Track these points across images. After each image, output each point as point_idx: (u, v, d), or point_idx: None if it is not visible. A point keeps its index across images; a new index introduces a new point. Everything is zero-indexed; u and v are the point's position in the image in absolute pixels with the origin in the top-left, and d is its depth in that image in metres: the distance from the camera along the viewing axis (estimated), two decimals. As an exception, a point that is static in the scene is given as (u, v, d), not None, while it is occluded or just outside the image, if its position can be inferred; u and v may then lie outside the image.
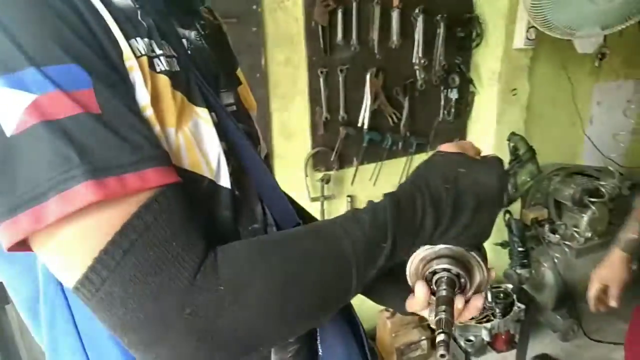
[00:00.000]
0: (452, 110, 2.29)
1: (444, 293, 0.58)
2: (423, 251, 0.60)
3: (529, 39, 2.11)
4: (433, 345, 2.48)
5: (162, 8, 0.61)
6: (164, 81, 0.54)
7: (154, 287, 0.45)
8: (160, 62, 0.55)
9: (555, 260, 2.38)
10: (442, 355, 0.52)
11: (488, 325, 1.97)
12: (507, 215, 2.30)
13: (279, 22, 1.92)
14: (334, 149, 2.13)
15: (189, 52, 0.64)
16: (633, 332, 1.56)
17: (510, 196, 2.16)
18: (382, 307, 2.49)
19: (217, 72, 0.71)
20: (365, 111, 2.11)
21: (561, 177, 2.46)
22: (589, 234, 2.39)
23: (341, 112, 2.09)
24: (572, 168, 2.53)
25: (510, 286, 2.18)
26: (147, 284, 0.45)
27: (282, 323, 0.52)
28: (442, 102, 2.28)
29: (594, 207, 2.32)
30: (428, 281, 0.62)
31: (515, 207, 2.40)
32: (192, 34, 0.67)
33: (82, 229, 0.44)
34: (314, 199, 2.18)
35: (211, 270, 0.48)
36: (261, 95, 1.98)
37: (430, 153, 0.66)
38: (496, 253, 2.45)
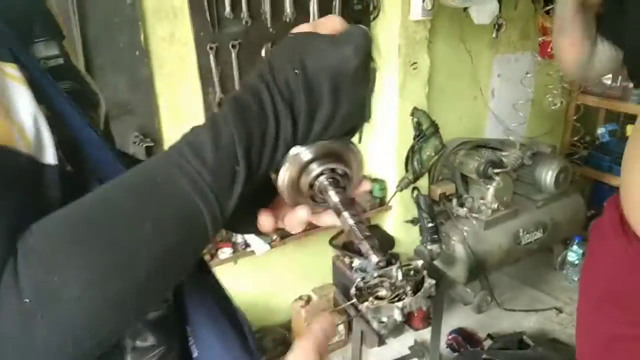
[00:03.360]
0: (355, 86, 2.21)
1: (338, 197, 0.50)
2: (293, 158, 0.49)
3: (425, 10, 2.07)
4: (350, 328, 2.43)
5: None
6: None
7: None
8: None
9: (465, 234, 2.38)
10: (380, 261, 0.48)
11: (400, 304, 1.92)
12: (415, 192, 2.28)
13: (157, -7, 1.74)
14: (231, 131, 1.99)
15: None
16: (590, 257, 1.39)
17: (415, 170, 2.13)
18: (296, 297, 2.40)
19: (29, 18, 0.57)
20: (261, 89, 1.98)
21: (465, 150, 2.47)
22: (495, 205, 2.42)
23: (236, 91, 1.95)
24: (476, 141, 2.54)
25: (420, 262, 2.15)
26: None
27: (121, 312, 0.42)
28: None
29: (498, 178, 2.35)
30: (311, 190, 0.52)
31: (423, 182, 2.38)
32: None
33: None
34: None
35: (10, 284, 0.37)
36: (144, 76, 1.79)
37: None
38: (406, 230, 2.43)
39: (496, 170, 2.32)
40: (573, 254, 2.78)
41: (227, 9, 1.83)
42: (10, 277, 0.37)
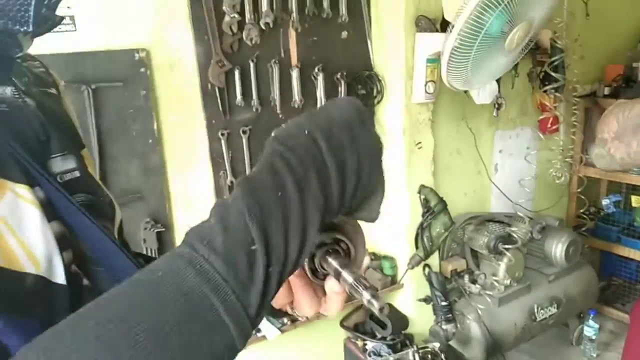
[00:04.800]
0: (362, 166, 2.25)
1: (337, 261, 0.47)
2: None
3: (428, 93, 2.15)
4: None
5: None
6: None
7: None
8: None
9: (479, 312, 2.33)
10: (382, 308, 0.43)
11: (419, 390, 1.85)
12: (427, 269, 2.25)
13: (171, 84, 1.81)
14: (242, 214, 1.99)
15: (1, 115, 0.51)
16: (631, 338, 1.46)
17: (426, 247, 2.11)
18: None
19: (46, 133, 0.57)
20: (271, 173, 2.01)
21: (474, 225, 2.47)
22: (507, 281, 2.38)
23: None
24: (484, 216, 2.55)
25: (437, 345, 2.08)
26: None
27: None
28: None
29: (509, 254, 2.33)
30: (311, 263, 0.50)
31: (434, 259, 2.36)
32: (8, 90, 0.54)
33: None
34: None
35: None
36: (156, 163, 1.82)
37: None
38: (419, 308, 2.37)
39: (507, 246, 2.30)
40: (590, 329, 2.70)
41: (239, 97, 1.90)
42: None
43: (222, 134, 1.90)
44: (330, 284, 0.49)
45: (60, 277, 0.48)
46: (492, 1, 1.39)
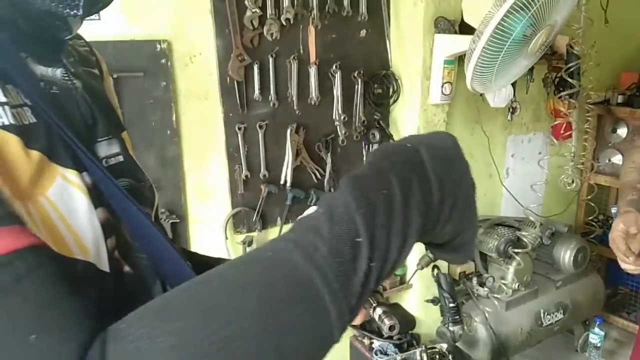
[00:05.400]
0: (375, 165, 2.26)
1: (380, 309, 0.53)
2: None
3: (444, 94, 2.15)
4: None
5: (6, 42, 0.47)
6: (5, 139, 0.41)
7: None
8: (5, 113, 0.42)
9: (486, 315, 2.34)
10: (392, 325, 0.49)
11: (426, 390, 1.85)
12: (436, 270, 2.25)
13: (191, 76, 1.82)
14: (256, 208, 2.01)
15: (50, 96, 0.51)
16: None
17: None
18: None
19: (93, 117, 0.58)
20: (287, 168, 2.02)
21: (484, 229, 2.47)
22: (515, 285, 2.39)
23: (262, 169, 1.99)
24: (494, 220, 2.55)
25: (444, 345, 2.09)
26: None
27: None
28: (364, 158, 2.25)
29: (518, 258, 2.33)
30: None
31: (443, 262, 2.36)
32: (58, 72, 0.54)
33: None
34: (235, 264, 2.01)
35: None
36: (173, 154, 1.83)
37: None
38: (427, 309, 2.38)
39: (516, 250, 2.31)
40: (595, 336, 2.70)
41: (257, 92, 1.90)
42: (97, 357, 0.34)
43: (239, 128, 1.91)
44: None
45: (104, 265, 0.49)
46: (522, 5, 1.39)
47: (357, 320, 0.62)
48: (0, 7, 0.48)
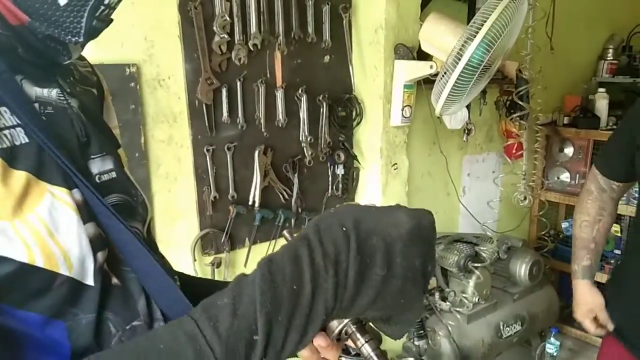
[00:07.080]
0: (340, 185, 2.32)
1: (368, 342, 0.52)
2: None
3: (404, 117, 2.25)
4: None
5: (2, 67, 0.50)
6: None
7: None
8: None
9: (450, 328, 2.41)
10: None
11: (395, 404, 1.89)
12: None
13: (160, 99, 1.84)
14: (224, 229, 2.03)
15: (44, 117, 0.54)
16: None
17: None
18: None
19: (87, 135, 0.60)
20: (255, 189, 2.06)
21: (444, 245, 2.56)
22: (476, 299, 2.48)
23: (231, 190, 2.02)
24: (453, 236, 2.65)
25: None
26: None
27: None
28: (330, 178, 2.31)
29: (478, 272, 2.43)
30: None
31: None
32: (54, 93, 0.57)
33: None
34: (203, 286, 2.01)
35: None
36: (141, 177, 1.84)
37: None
38: (393, 326, 2.43)
39: (476, 265, 2.41)
40: (551, 346, 2.82)
41: (225, 115, 1.94)
42: None
43: (208, 150, 1.94)
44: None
45: (90, 279, 0.51)
46: (490, 38, 1.50)
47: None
48: (1, 34, 0.51)
